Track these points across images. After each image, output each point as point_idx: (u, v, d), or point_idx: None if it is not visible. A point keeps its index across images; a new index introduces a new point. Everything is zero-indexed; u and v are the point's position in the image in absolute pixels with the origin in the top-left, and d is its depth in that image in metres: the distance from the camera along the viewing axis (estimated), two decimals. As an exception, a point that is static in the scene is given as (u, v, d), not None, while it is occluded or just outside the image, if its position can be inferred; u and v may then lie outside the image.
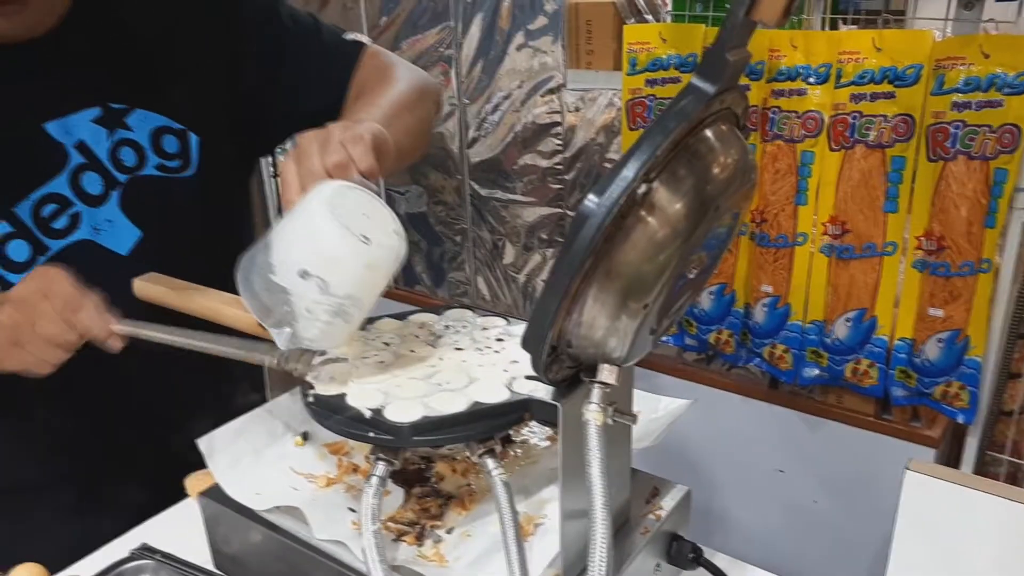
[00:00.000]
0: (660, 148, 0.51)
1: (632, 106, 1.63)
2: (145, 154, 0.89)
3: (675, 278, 0.55)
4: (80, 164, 0.85)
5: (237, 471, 0.77)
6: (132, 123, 0.88)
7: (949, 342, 1.42)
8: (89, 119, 0.85)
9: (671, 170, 0.53)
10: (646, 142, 0.51)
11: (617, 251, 0.53)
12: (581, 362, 0.61)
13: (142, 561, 0.82)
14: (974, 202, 1.34)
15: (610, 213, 0.50)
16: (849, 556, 1.62)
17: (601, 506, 0.56)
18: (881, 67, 1.37)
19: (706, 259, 0.61)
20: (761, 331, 1.63)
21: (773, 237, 1.56)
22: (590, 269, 0.53)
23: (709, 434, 1.75)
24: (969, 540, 0.71)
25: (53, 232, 0.85)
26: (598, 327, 0.56)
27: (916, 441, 1.53)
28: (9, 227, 0.82)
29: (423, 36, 2.01)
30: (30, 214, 0.83)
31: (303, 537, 0.71)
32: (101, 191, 0.87)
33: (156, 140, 0.90)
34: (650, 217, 0.52)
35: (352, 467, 0.79)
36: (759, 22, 0.50)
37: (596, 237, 0.50)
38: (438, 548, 0.69)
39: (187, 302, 0.82)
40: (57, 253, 0.85)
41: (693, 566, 0.75)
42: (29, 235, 0.83)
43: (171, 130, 0.90)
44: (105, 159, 0.87)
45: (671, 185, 0.53)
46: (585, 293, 0.54)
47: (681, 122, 0.52)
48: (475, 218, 2.10)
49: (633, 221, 0.52)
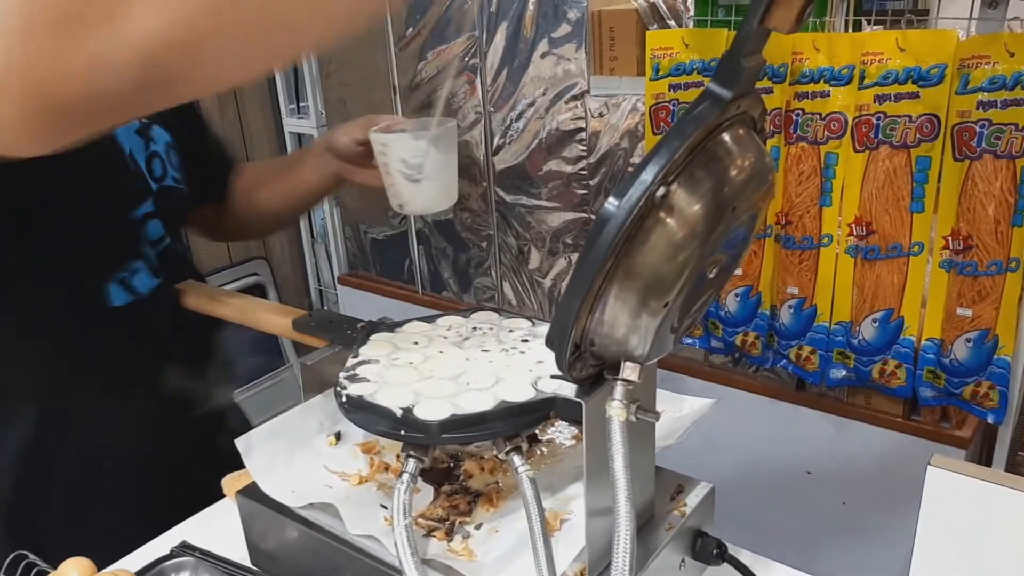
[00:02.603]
0: (677, 152, 0.53)
1: (656, 111, 1.64)
2: (166, 167, 0.99)
3: (695, 278, 0.57)
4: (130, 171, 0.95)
5: (273, 470, 0.79)
6: (155, 136, 0.98)
7: (978, 342, 1.41)
8: (133, 130, 0.95)
9: (689, 173, 0.54)
10: (664, 146, 0.53)
11: (637, 252, 0.54)
12: (604, 360, 0.63)
13: (182, 558, 0.85)
14: (1001, 200, 1.33)
15: (630, 215, 0.52)
16: (878, 557, 1.62)
17: (624, 499, 0.57)
18: (905, 67, 1.37)
19: (726, 259, 0.62)
20: (787, 333, 1.63)
21: (798, 239, 1.56)
22: (611, 269, 0.54)
23: (736, 437, 1.75)
24: (994, 537, 0.71)
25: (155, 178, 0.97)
26: (620, 326, 0.57)
27: (945, 442, 1.53)
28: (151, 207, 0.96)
29: (448, 46, 2.04)
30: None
31: (337, 533, 0.73)
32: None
33: (168, 154, 1.00)
34: (669, 219, 0.54)
35: (384, 465, 0.81)
36: (773, 28, 0.52)
37: (617, 238, 0.52)
38: (467, 543, 0.71)
39: (226, 308, 0.86)
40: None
41: (718, 562, 0.76)
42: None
43: (173, 146, 1.01)
44: (144, 168, 0.96)
45: (689, 188, 0.54)
46: (607, 292, 0.56)
47: (698, 127, 0.54)
48: (501, 224, 2.12)
49: (652, 223, 0.54)
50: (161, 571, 0.84)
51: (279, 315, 0.90)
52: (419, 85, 2.13)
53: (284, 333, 0.89)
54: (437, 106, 1.00)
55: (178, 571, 0.84)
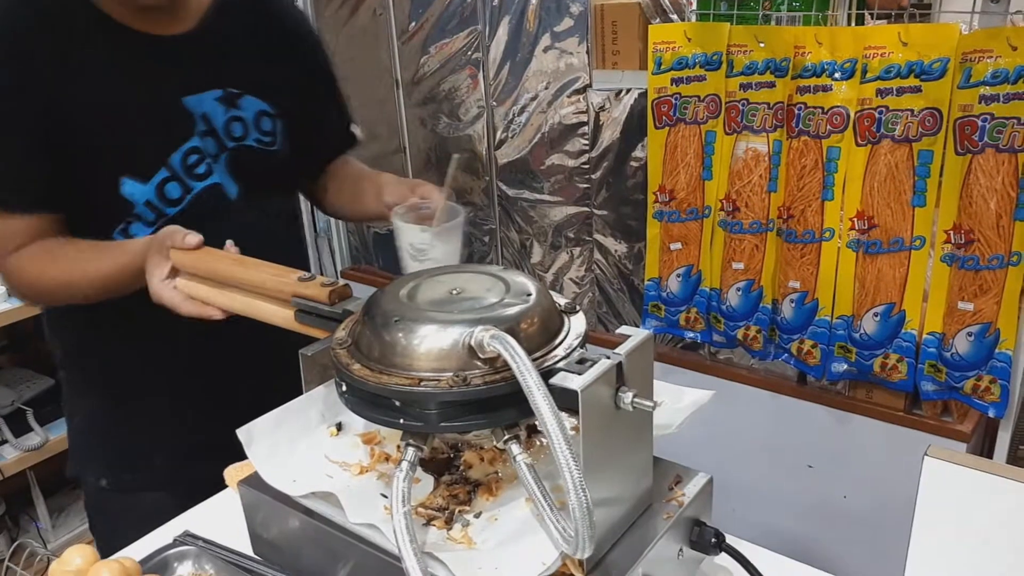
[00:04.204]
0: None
1: (658, 105, 1.65)
2: (249, 129, 1.15)
3: None
4: (204, 130, 1.10)
5: (275, 460, 0.80)
6: (243, 104, 1.13)
7: (979, 336, 1.41)
8: (213, 98, 1.11)
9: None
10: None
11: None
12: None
13: (185, 547, 0.86)
14: (1003, 195, 1.33)
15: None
16: (879, 550, 1.62)
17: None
18: (907, 61, 1.37)
19: None
20: (789, 326, 1.63)
21: (800, 233, 1.56)
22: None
23: (738, 430, 1.76)
24: (991, 527, 0.72)
25: (195, 176, 1.10)
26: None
27: (946, 436, 1.53)
28: (167, 172, 1.08)
29: (451, 40, 2.04)
30: (180, 163, 1.09)
31: (338, 521, 0.74)
32: (216, 152, 1.12)
33: (257, 120, 1.16)
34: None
35: (384, 456, 0.82)
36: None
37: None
38: (466, 531, 0.72)
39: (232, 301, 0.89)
40: (197, 192, 1.11)
41: (716, 551, 0.77)
42: (179, 179, 1.09)
43: (268, 114, 1.17)
44: (220, 129, 1.12)
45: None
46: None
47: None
48: (503, 218, 2.12)
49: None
50: (165, 560, 0.85)
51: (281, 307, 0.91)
52: (422, 79, 2.13)
53: (284, 324, 0.90)
54: (445, 181, 1.09)
55: (181, 560, 0.85)
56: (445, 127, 2.14)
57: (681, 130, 1.64)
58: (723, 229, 1.66)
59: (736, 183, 1.61)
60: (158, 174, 1.07)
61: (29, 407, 2.23)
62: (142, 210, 1.08)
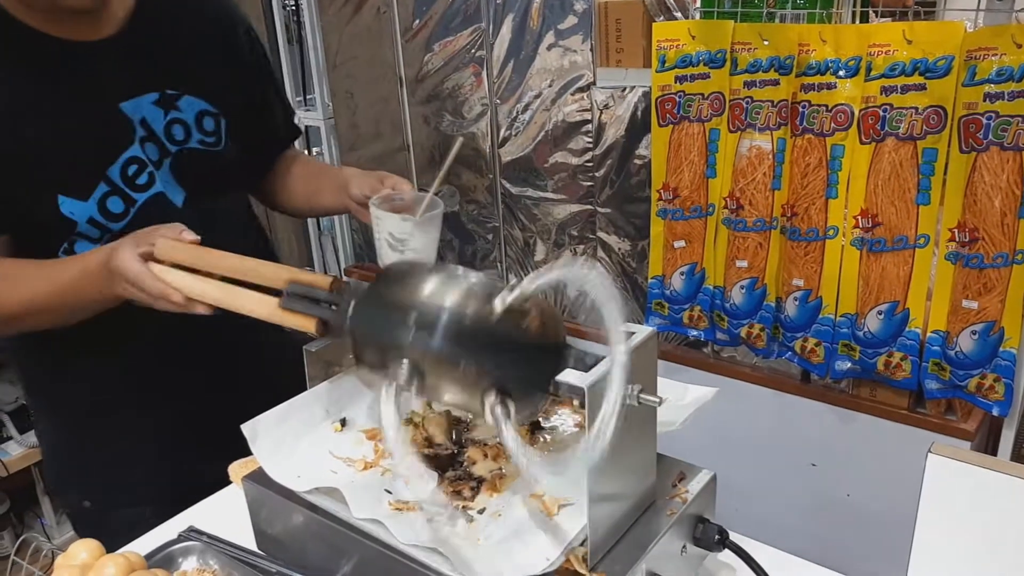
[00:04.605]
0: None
1: (662, 103, 1.65)
2: (191, 131, 1.10)
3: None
4: (143, 136, 1.05)
5: (279, 455, 0.80)
6: (182, 106, 1.08)
7: (983, 334, 1.41)
8: (150, 101, 1.05)
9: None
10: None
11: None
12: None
13: (190, 543, 0.86)
14: (1008, 193, 1.33)
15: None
16: (882, 548, 1.62)
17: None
18: (912, 59, 1.36)
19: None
20: (793, 324, 1.63)
21: (804, 231, 1.56)
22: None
23: (741, 429, 1.76)
24: (994, 524, 0.72)
25: (137, 187, 1.05)
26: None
27: (950, 434, 1.53)
28: (106, 187, 1.03)
29: (455, 38, 2.04)
30: (119, 175, 1.03)
31: (342, 517, 0.74)
32: (158, 157, 1.07)
33: (199, 120, 1.11)
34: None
35: (388, 451, 0.82)
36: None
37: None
38: (470, 527, 0.72)
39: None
40: (142, 204, 1.05)
41: (719, 548, 0.77)
42: (120, 192, 1.04)
43: (209, 113, 1.11)
44: (161, 133, 1.07)
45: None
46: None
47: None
48: (506, 216, 2.12)
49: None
50: (169, 555, 0.85)
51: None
52: (425, 77, 2.13)
53: (268, 317, 0.85)
54: (437, 176, 1.07)
55: (186, 555, 0.86)
56: (449, 125, 2.14)
57: (685, 128, 1.64)
58: (727, 227, 1.66)
59: (740, 181, 1.61)
60: (97, 189, 1.01)
61: (34, 404, 2.24)
62: (85, 228, 1.02)
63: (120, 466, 1.17)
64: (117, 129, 1.03)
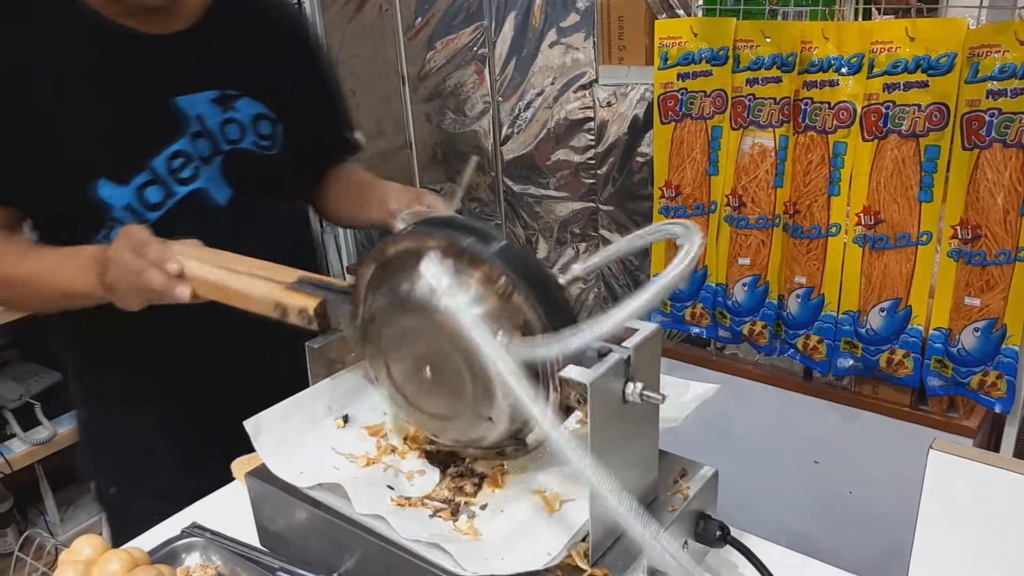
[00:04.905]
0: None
1: (664, 100, 1.65)
2: (246, 132, 1.12)
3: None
4: (196, 131, 1.07)
5: (282, 452, 0.80)
6: (239, 107, 1.10)
7: (986, 331, 1.41)
8: (208, 99, 1.08)
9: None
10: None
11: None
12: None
13: (193, 538, 0.87)
14: (1010, 190, 1.33)
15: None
16: (884, 545, 1.62)
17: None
18: (914, 56, 1.36)
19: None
20: (795, 322, 1.63)
21: (806, 228, 1.56)
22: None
23: (743, 426, 1.76)
24: (996, 521, 0.72)
25: (180, 180, 1.07)
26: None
27: (953, 431, 1.52)
28: (148, 175, 1.04)
29: (457, 36, 2.04)
30: (164, 166, 1.05)
31: (345, 513, 0.74)
32: (209, 154, 1.08)
33: (255, 123, 1.13)
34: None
35: (390, 448, 0.82)
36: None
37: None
38: (472, 523, 0.72)
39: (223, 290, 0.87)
40: (181, 197, 1.07)
41: (720, 544, 0.77)
42: (162, 182, 1.05)
43: (266, 117, 1.14)
44: (215, 131, 1.09)
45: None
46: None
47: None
48: (509, 214, 2.13)
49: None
50: (173, 551, 0.85)
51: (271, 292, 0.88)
52: (428, 75, 2.13)
53: (265, 300, 0.86)
54: (455, 196, 1.06)
55: (189, 551, 0.86)
56: (451, 123, 2.14)
57: (687, 125, 1.64)
58: (729, 224, 1.66)
59: (742, 178, 1.61)
60: (138, 177, 1.03)
61: (37, 401, 2.25)
62: (121, 215, 1.03)
63: (142, 455, 1.20)
64: (169, 122, 1.05)
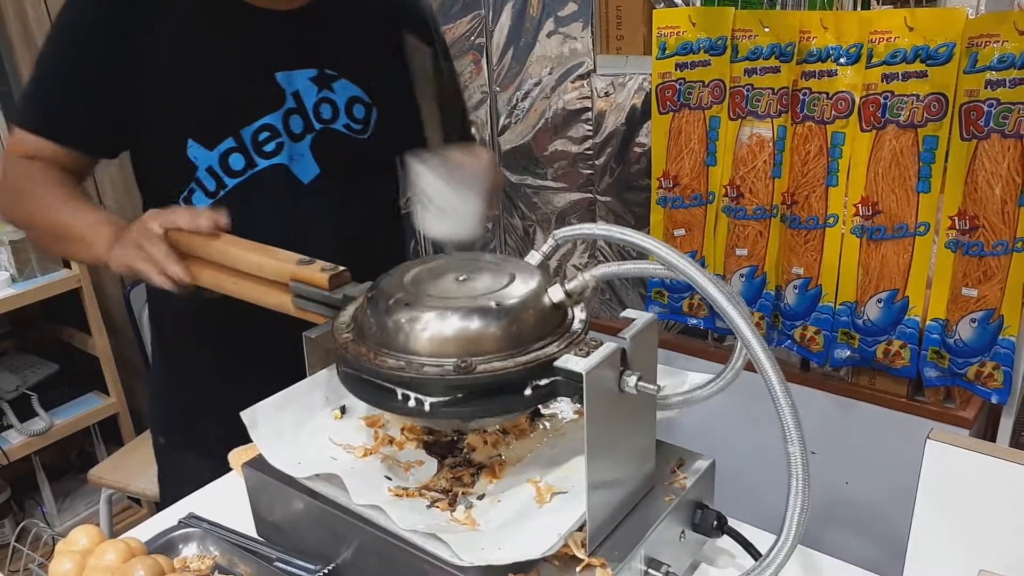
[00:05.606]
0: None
1: (662, 90, 1.64)
2: (339, 113, 1.14)
3: None
4: (291, 108, 1.10)
5: (279, 442, 0.80)
6: (336, 88, 1.13)
7: (983, 322, 1.41)
8: (307, 77, 1.11)
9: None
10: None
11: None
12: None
13: (190, 529, 0.86)
14: (1008, 181, 1.33)
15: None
16: (880, 536, 1.62)
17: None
18: (913, 46, 1.36)
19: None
20: (792, 313, 1.63)
21: (804, 219, 1.56)
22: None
23: (740, 417, 1.76)
24: (993, 510, 0.72)
25: (263, 153, 1.10)
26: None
27: (949, 422, 1.53)
28: (233, 143, 1.08)
29: (454, 25, 2.03)
30: (250, 137, 1.08)
31: (342, 503, 0.74)
32: (301, 131, 1.11)
33: (349, 105, 1.14)
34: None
35: (388, 439, 0.82)
36: None
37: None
38: (470, 513, 0.72)
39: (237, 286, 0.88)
40: (260, 169, 1.10)
41: (717, 534, 0.77)
42: (246, 151, 1.09)
43: (362, 101, 1.15)
44: (310, 109, 1.11)
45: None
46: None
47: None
48: (506, 205, 2.12)
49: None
50: (170, 541, 0.85)
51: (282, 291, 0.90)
52: (425, 65, 2.12)
53: (282, 309, 0.89)
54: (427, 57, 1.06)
55: (186, 541, 0.86)
56: (448, 113, 2.14)
57: (685, 115, 1.64)
58: (727, 215, 1.66)
59: (740, 169, 1.61)
60: (225, 143, 1.07)
61: (34, 392, 2.25)
62: (203, 175, 1.08)
63: (190, 411, 1.26)
64: (266, 94, 1.08)
